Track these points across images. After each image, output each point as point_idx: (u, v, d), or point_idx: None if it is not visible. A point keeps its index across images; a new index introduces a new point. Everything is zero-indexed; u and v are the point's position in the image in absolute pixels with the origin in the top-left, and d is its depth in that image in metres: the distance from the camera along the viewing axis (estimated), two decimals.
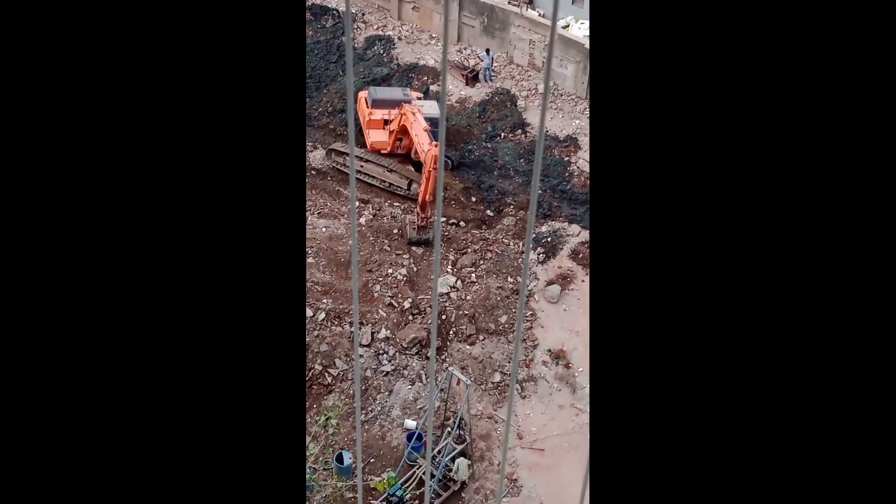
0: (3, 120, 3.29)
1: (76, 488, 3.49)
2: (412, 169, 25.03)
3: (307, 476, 15.67)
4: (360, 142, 25.93)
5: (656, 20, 3.30)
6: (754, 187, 3.41)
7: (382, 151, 25.36)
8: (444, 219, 23.72)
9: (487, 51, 29.07)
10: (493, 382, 19.85)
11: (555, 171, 25.30)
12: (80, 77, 3.32)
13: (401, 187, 24.92)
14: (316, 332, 19.82)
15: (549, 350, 20.42)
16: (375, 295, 21.21)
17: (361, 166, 24.98)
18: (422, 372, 19.80)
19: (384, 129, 25.48)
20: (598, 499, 3.53)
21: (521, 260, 22.09)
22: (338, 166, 25.73)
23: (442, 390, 18.49)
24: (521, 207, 24.26)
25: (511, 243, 23.04)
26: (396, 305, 21.05)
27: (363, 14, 31.69)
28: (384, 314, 20.75)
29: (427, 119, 23.29)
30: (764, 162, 3.40)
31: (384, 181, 25.06)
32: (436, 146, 21.50)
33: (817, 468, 3.49)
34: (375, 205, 24.53)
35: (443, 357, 20.17)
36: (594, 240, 3.50)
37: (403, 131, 24.37)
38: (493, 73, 28.97)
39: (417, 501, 17.34)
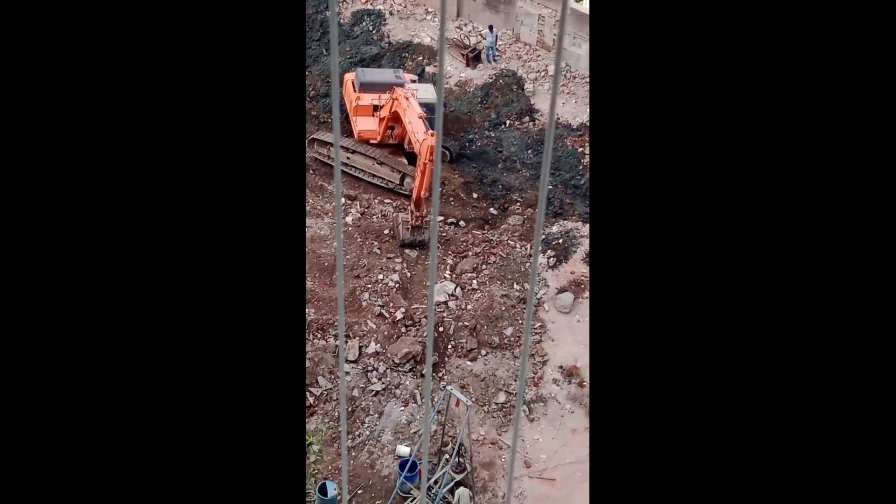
0: (4, 120, 3.60)
1: (76, 491, 3.84)
2: (405, 161, 25.08)
3: None
4: (347, 130, 25.95)
5: (655, 21, 3.67)
6: (751, 189, 3.72)
7: (372, 141, 25.38)
8: (441, 218, 23.77)
9: (491, 27, 29.08)
10: (497, 403, 19.84)
11: (567, 163, 25.33)
12: (74, 69, 3.60)
13: (392, 182, 24.96)
14: None
15: (561, 367, 20.42)
16: (364, 304, 21.21)
17: (348, 158, 25.03)
18: (416, 391, 19.79)
19: (373, 115, 25.47)
20: None
21: (528, 264, 22.09)
22: (321, 158, 25.77)
23: (439, 412, 18.44)
24: (529, 205, 24.29)
25: (517, 245, 23.08)
26: (387, 316, 21.05)
27: None
28: (373, 326, 20.74)
29: (422, 105, 23.28)
30: (761, 163, 3.72)
31: (374, 175, 25.10)
32: (432, 135, 21.49)
33: (814, 476, 3.83)
34: (364, 202, 24.56)
35: (440, 374, 20.14)
36: (594, 240, 3.78)
37: (395, 118, 24.37)
38: (496, 53, 29.01)
39: None
